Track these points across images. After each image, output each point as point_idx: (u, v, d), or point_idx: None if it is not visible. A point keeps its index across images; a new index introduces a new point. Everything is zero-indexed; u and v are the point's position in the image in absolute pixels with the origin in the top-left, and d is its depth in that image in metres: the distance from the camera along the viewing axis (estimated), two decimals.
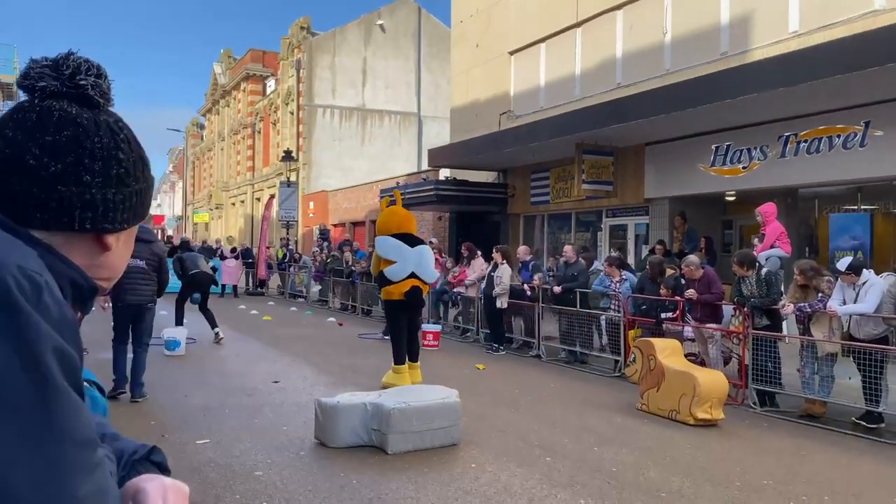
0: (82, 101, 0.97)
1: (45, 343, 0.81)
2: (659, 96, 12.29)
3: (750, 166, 12.21)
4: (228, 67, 49.04)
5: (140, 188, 1.02)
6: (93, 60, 0.98)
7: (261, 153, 41.76)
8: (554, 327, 11.21)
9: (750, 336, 7.82)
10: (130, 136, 1.01)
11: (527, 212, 18.58)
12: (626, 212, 15.54)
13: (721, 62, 12.68)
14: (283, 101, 37.65)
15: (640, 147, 14.43)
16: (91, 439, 0.85)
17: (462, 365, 10.00)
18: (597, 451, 5.85)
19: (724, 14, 13.16)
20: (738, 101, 10.69)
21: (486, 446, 5.89)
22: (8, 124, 0.94)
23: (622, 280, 10.16)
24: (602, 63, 15.94)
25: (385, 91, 36.01)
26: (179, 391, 7.78)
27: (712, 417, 6.78)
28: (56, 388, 0.81)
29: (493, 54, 19.52)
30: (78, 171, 0.94)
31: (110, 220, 0.98)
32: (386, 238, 8.35)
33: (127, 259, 1.10)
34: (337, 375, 8.99)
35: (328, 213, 31.02)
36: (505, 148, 16.30)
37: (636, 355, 7.70)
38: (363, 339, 12.62)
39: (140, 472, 1.05)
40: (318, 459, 5.45)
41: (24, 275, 0.83)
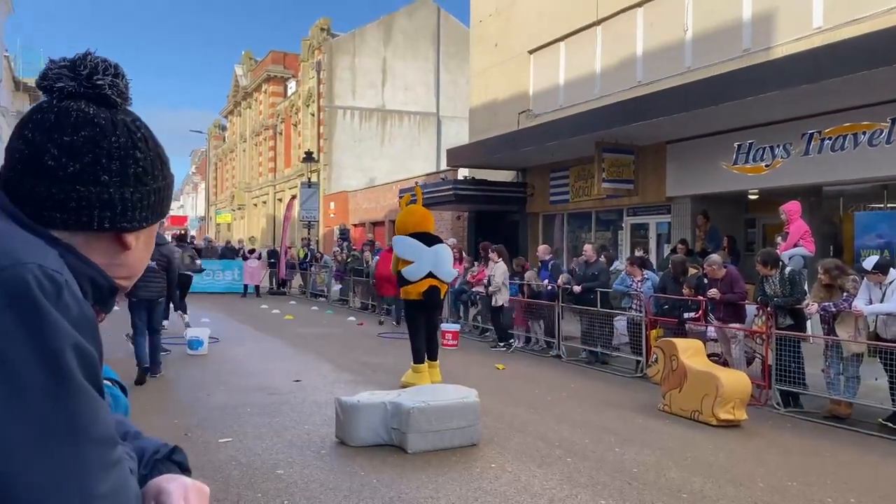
0: (100, 100, 0.98)
1: (65, 341, 0.82)
2: (680, 94, 12.17)
3: (773, 164, 12.06)
4: (249, 69, 49.41)
5: (158, 186, 1.03)
6: (110, 60, 0.99)
7: (282, 154, 42.02)
8: (575, 327, 11.16)
9: (773, 336, 7.72)
10: (148, 134, 1.02)
11: (546, 211, 18.51)
12: (648, 211, 15.42)
13: (743, 59, 12.53)
14: (303, 103, 37.86)
15: (661, 145, 14.31)
16: (110, 437, 0.86)
17: (481, 364, 9.99)
18: (618, 452, 5.82)
19: (746, 10, 13.01)
20: (761, 98, 10.55)
21: (505, 446, 5.87)
22: (27, 125, 0.95)
23: (644, 279, 10.08)
24: (622, 61, 15.83)
25: (404, 91, 36.07)
26: (202, 390, 7.85)
27: (735, 418, 6.71)
28: (76, 386, 0.82)
29: (512, 53, 19.47)
30: (96, 171, 0.95)
31: (129, 218, 0.99)
32: (403, 238, 8.35)
33: (147, 258, 1.11)
34: (356, 374, 9.02)
35: (348, 213, 31.15)
36: (524, 147, 16.24)
37: (658, 355, 7.64)
38: (382, 338, 12.66)
39: (161, 471, 1.06)
40: (339, 458, 5.48)
41: (45, 274, 0.84)
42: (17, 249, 0.85)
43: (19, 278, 0.81)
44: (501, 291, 11.59)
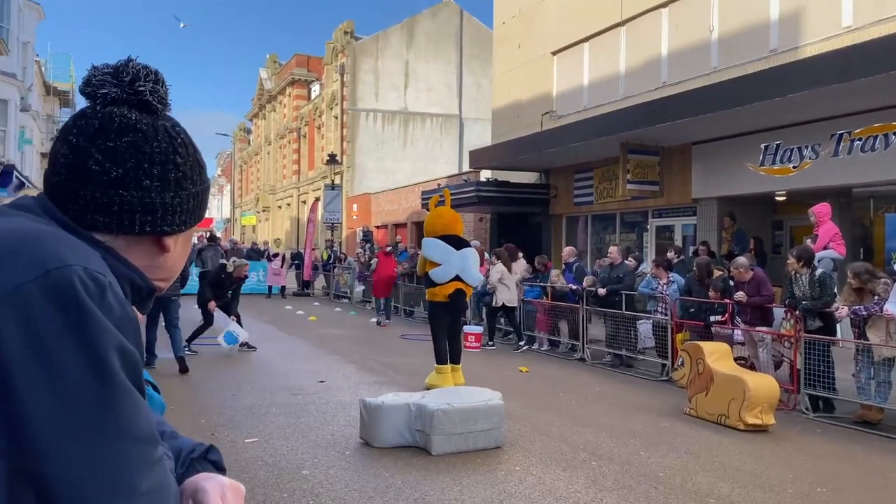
0: (141, 106, 0.99)
1: (109, 341, 0.84)
2: (706, 95, 12.05)
3: (801, 165, 11.90)
4: (274, 73, 49.85)
5: (197, 191, 1.05)
6: (151, 67, 1.01)
7: (306, 157, 42.32)
8: (599, 330, 11.09)
9: (802, 340, 7.61)
10: (187, 139, 1.04)
11: (570, 212, 18.42)
12: (673, 212, 15.28)
13: (770, 59, 12.38)
14: (327, 106, 38.10)
15: (687, 146, 14.18)
16: (152, 436, 0.88)
17: (504, 367, 9.97)
18: (643, 455, 5.77)
19: (773, 10, 12.85)
20: (789, 98, 10.42)
21: (530, 449, 5.86)
22: (71, 131, 0.97)
23: (669, 282, 9.99)
24: (647, 62, 15.72)
25: (427, 94, 36.14)
26: (228, 390, 7.93)
27: (763, 423, 6.62)
28: (119, 385, 0.84)
29: (535, 55, 19.42)
30: (138, 176, 0.97)
31: (168, 222, 1.01)
32: (433, 240, 8.37)
33: (184, 260, 1.13)
34: (380, 375, 9.05)
35: (371, 214, 31.28)
36: (547, 148, 16.19)
37: (684, 359, 7.57)
38: (405, 340, 12.68)
39: (198, 470, 1.07)
40: (363, 459, 5.50)
41: (89, 275, 0.86)
42: (64, 252, 0.87)
43: (66, 279, 0.83)
44: (500, 290, 11.76)
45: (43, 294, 0.82)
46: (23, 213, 0.96)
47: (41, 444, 0.78)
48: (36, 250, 0.86)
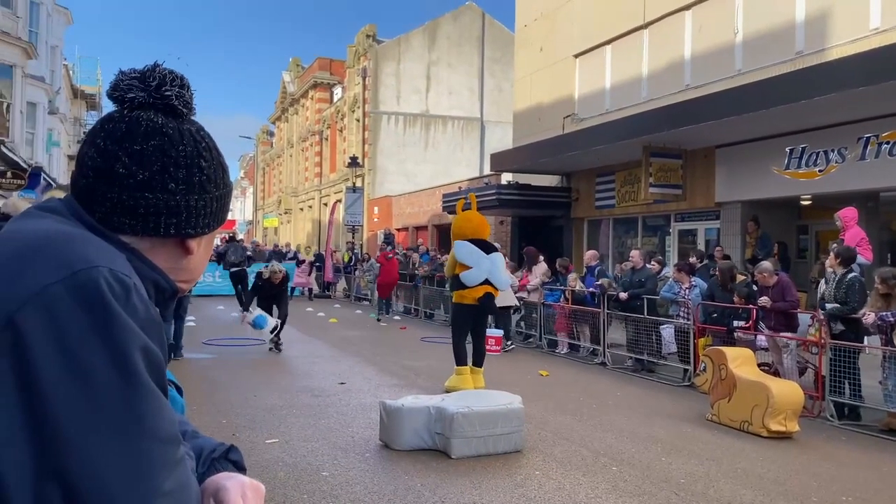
0: (167, 110, 1.01)
1: (134, 342, 0.85)
2: (730, 97, 11.94)
3: (827, 169, 11.73)
4: (297, 76, 50.21)
5: (220, 194, 1.06)
6: (176, 72, 1.03)
7: (328, 159, 42.56)
8: (620, 334, 11.02)
9: (828, 346, 7.50)
10: (211, 144, 1.05)
11: (591, 216, 18.34)
12: (696, 216, 15.15)
13: (796, 61, 12.23)
14: (349, 109, 38.29)
15: (711, 149, 14.05)
16: (175, 436, 0.89)
17: (525, 371, 9.94)
18: (665, 461, 5.72)
19: (799, 12, 12.70)
20: (815, 101, 10.28)
21: (550, 453, 5.83)
22: (99, 134, 0.99)
23: (691, 286, 9.90)
24: (670, 64, 15.61)
25: (448, 97, 36.18)
26: (250, 390, 7.99)
27: (787, 430, 6.53)
28: (143, 386, 0.85)
29: (557, 57, 19.37)
30: (164, 179, 0.98)
31: (193, 225, 1.02)
32: (465, 243, 8.44)
33: (206, 262, 1.14)
34: (400, 377, 9.07)
35: (392, 217, 31.37)
36: (569, 151, 16.13)
37: (706, 364, 7.49)
38: (426, 343, 12.70)
39: (218, 469, 1.09)
40: (382, 461, 5.51)
41: (115, 277, 0.87)
42: (90, 253, 0.89)
43: (92, 280, 0.85)
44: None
45: (69, 294, 0.83)
46: (50, 214, 0.98)
47: (67, 441, 0.79)
48: (63, 251, 0.88)
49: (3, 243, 0.92)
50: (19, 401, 0.80)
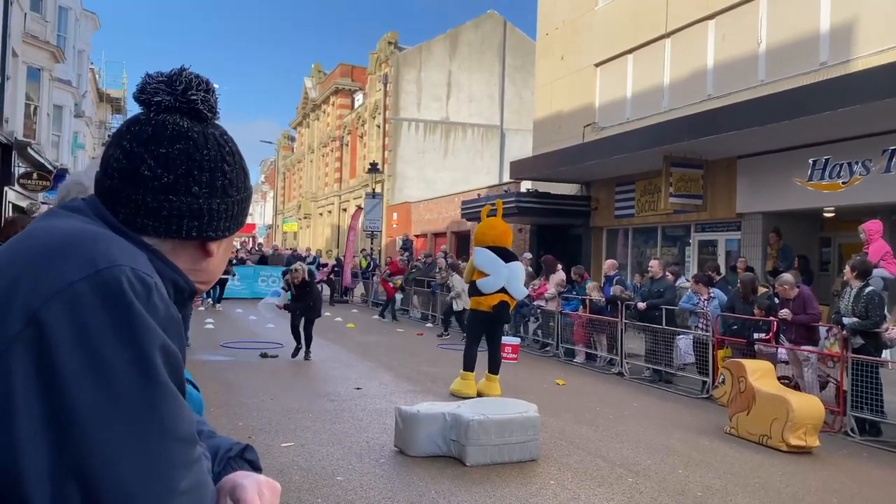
0: (192, 114, 1.02)
1: (154, 342, 0.86)
2: (753, 108, 11.84)
3: (850, 181, 11.57)
4: (319, 82, 50.55)
5: (241, 198, 1.07)
6: (202, 76, 1.04)
7: (348, 165, 42.77)
8: (637, 344, 10.94)
9: (849, 360, 7.39)
10: (235, 148, 1.07)
11: (610, 225, 18.25)
12: (717, 227, 15.01)
13: (820, 72, 12.11)
14: (369, 115, 38.47)
15: (732, 160, 13.94)
16: (192, 436, 0.90)
17: (541, 380, 9.90)
18: (681, 474, 5.66)
19: (823, 22, 12.58)
20: (839, 113, 10.17)
21: (565, 463, 5.80)
22: (125, 136, 1.01)
23: (710, 298, 9.82)
24: (692, 74, 15.52)
25: (469, 104, 36.23)
26: (266, 393, 8.03)
27: (807, 444, 6.44)
28: (162, 385, 0.86)
29: (578, 66, 19.34)
30: (188, 182, 0.99)
31: (214, 228, 1.04)
32: (485, 250, 8.47)
33: (224, 264, 1.15)
34: (416, 383, 9.07)
35: (411, 223, 31.43)
36: (589, 160, 16.08)
37: (725, 376, 7.41)
38: (441, 349, 12.69)
39: (234, 468, 1.09)
40: (397, 467, 5.51)
41: (137, 276, 0.88)
42: (113, 252, 0.90)
43: (115, 279, 0.86)
44: (462, 297, 13.31)
45: (92, 292, 0.85)
46: (75, 214, 1.00)
47: (86, 438, 0.80)
48: (87, 250, 0.89)
49: (30, 240, 0.94)
50: (41, 395, 0.81)
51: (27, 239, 0.96)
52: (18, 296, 0.85)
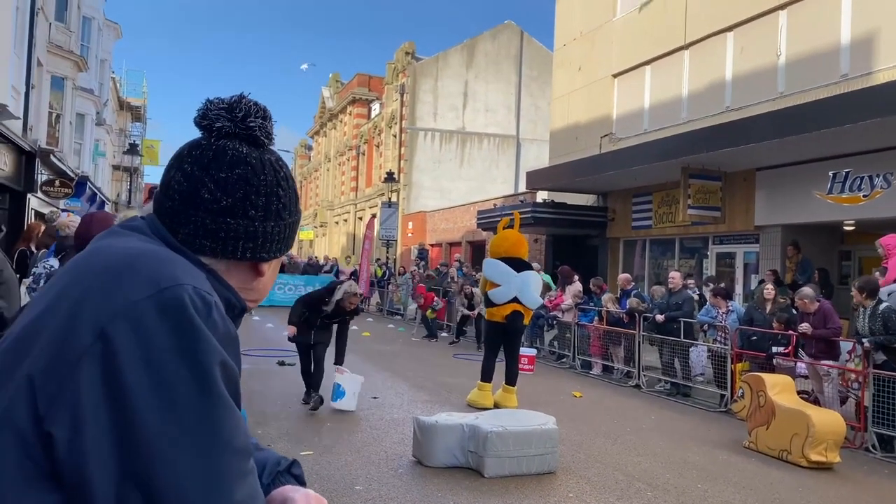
0: (250, 140, 1.07)
1: (214, 357, 0.90)
2: (772, 120, 11.80)
3: (871, 195, 11.49)
4: (336, 91, 50.90)
5: (293, 221, 1.12)
6: (260, 103, 1.08)
7: (364, 174, 42.97)
8: (653, 357, 10.90)
9: (870, 376, 7.32)
10: (288, 173, 1.11)
11: (627, 236, 18.20)
12: (735, 239, 14.94)
13: (841, 85, 12.05)
14: (386, 125, 38.67)
15: (751, 172, 13.88)
16: (247, 448, 0.93)
17: (558, 391, 9.88)
18: (700, 488, 5.63)
19: (844, 34, 12.52)
20: (860, 125, 10.11)
21: (584, 476, 5.78)
22: (186, 159, 1.05)
23: (729, 311, 9.77)
24: (710, 86, 15.50)
25: (485, 114, 36.33)
26: (284, 402, 8.08)
27: (827, 460, 6.39)
28: (221, 399, 0.90)
29: (595, 77, 19.37)
30: (245, 206, 1.04)
31: (267, 249, 1.08)
32: (494, 261, 8.50)
33: (272, 283, 1.20)
34: (432, 393, 9.08)
35: (426, 233, 31.50)
36: (606, 171, 16.07)
37: (744, 390, 7.37)
38: (458, 359, 12.69)
39: (282, 482, 1.14)
40: (415, 478, 5.53)
41: (198, 294, 0.93)
42: (175, 271, 0.94)
43: (178, 298, 0.90)
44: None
45: (156, 309, 0.89)
46: (135, 233, 1.04)
47: (149, 448, 0.84)
48: (151, 269, 0.94)
49: (95, 259, 0.99)
50: (107, 407, 0.85)
51: (91, 257, 1.00)
52: (88, 312, 0.89)
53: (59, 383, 0.86)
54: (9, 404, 0.87)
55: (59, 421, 0.85)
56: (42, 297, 1.01)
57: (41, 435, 0.85)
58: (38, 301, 1.01)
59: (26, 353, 0.90)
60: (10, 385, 0.88)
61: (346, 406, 7.60)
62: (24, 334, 0.94)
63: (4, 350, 0.95)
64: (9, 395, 0.88)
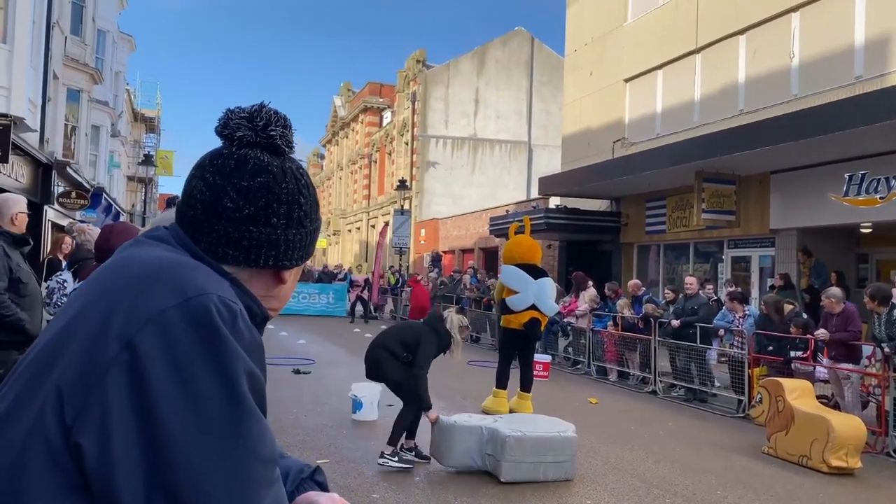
0: (271, 149, 1.07)
1: (241, 366, 0.91)
2: (786, 123, 11.72)
3: (889, 196, 11.37)
4: (347, 100, 51.14)
5: (314, 228, 1.12)
6: (280, 112, 1.09)
7: (376, 182, 43.10)
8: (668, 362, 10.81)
9: (892, 380, 7.24)
10: (309, 181, 1.11)
11: (641, 241, 18.12)
12: (750, 243, 14.84)
13: (855, 86, 11.96)
14: (398, 132, 38.79)
15: (765, 175, 13.79)
16: (273, 457, 0.94)
17: (573, 398, 9.83)
18: (719, 494, 5.58)
19: (858, 36, 12.44)
20: (876, 127, 10.02)
21: (601, 483, 5.75)
22: (208, 169, 1.05)
23: (745, 315, 9.70)
24: (723, 89, 15.43)
25: (496, 120, 36.36)
26: (298, 410, 8.09)
27: (848, 466, 6.31)
28: (248, 408, 0.90)
29: (607, 82, 19.34)
30: (267, 214, 1.04)
31: (289, 257, 1.08)
32: (512, 268, 8.48)
33: (292, 291, 1.20)
34: (447, 400, 9.05)
35: (438, 240, 31.52)
36: (618, 176, 16.02)
37: (762, 395, 7.30)
38: (472, 366, 12.66)
39: (305, 489, 1.14)
40: (432, 484, 5.51)
41: (223, 303, 0.93)
42: (201, 281, 0.95)
43: (204, 307, 0.91)
44: None
45: (183, 319, 0.89)
46: (160, 243, 1.05)
47: (177, 457, 0.84)
48: (177, 279, 0.94)
49: (121, 269, 1.00)
50: (135, 416, 0.85)
51: (117, 268, 1.01)
52: (115, 322, 0.90)
53: (86, 393, 0.86)
54: (38, 415, 0.88)
55: (87, 431, 0.85)
56: (68, 308, 1.02)
57: (70, 445, 0.86)
58: (64, 312, 1.02)
59: (54, 365, 0.91)
60: (38, 396, 0.89)
61: (366, 416, 7.62)
62: (50, 345, 0.95)
63: (31, 361, 0.95)
64: (37, 406, 0.88)
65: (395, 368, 6.02)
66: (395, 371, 6.02)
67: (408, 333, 6.27)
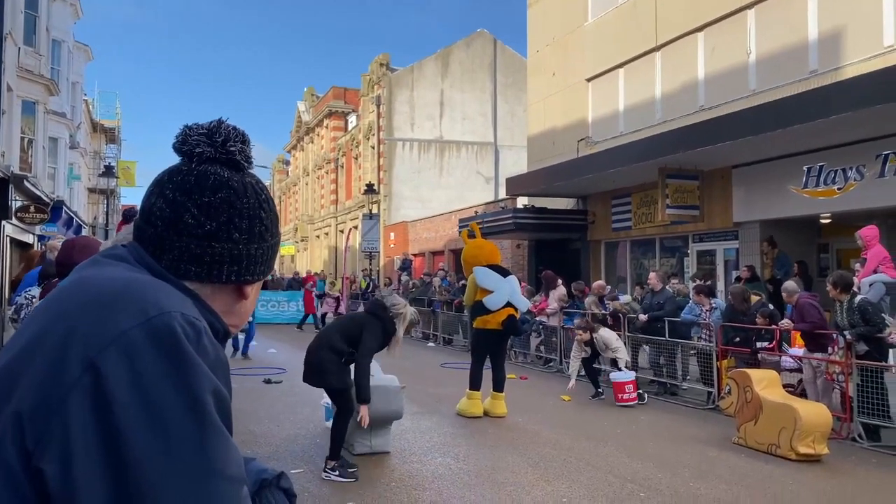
0: (230, 164, 1.06)
1: (206, 385, 0.89)
2: (745, 118, 11.96)
3: (846, 187, 11.66)
4: (312, 105, 50.81)
5: (275, 242, 1.11)
6: (238, 128, 1.08)
7: (343, 187, 42.88)
8: (641, 358, 10.94)
9: (854, 367, 7.41)
10: (269, 195, 1.11)
11: (608, 238, 18.31)
12: (714, 236, 15.09)
13: (811, 81, 12.25)
14: (364, 136, 38.65)
15: (727, 170, 14.05)
16: (241, 476, 0.92)
17: (547, 395, 9.89)
18: (692, 486, 5.66)
19: (812, 31, 12.74)
20: (831, 120, 10.27)
21: (576, 480, 5.79)
22: (167, 186, 1.04)
23: (712, 308, 9.85)
24: (683, 86, 15.67)
25: (462, 122, 36.45)
26: (271, 421, 8.01)
27: (816, 452, 6.45)
28: (214, 427, 0.89)
29: (570, 81, 19.51)
30: (229, 230, 1.03)
31: (251, 272, 1.07)
32: (484, 269, 8.61)
33: (254, 306, 1.19)
34: (421, 405, 9.05)
35: (408, 243, 31.48)
36: (584, 174, 16.18)
37: (731, 387, 7.43)
38: (446, 368, 12.67)
39: (268, 496, 1.13)
40: (407, 490, 5.50)
41: (187, 321, 0.92)
42: (163, 299, 0.93)
43: (168, 326, 0.89)
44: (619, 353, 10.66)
45: (146, 339, 0.88)
46: (119, 262, 1.03)
47: (142, 480, 0.83)
48: (138, 298, 0.92)
49: (80, 290, 0.97)
50: (98, 439, 0.83)
51: (75, 289, 0.99)
52: (75, 345, 0.88)
53: (47, 418, 0.85)
54: None
55: (49, 456, 0.83)
56: (25, 329, 0.99)
57: (31, 471, 0.84)
58: (21, 333, 0.99)
59: (12, 389, 0.89)
60: None
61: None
62: (8, 370, 0.92)
63: None
64: None
65: (337, 373, 5.76)
66: (337, 378, 5.76)
67: (350, 326, 6.04)
